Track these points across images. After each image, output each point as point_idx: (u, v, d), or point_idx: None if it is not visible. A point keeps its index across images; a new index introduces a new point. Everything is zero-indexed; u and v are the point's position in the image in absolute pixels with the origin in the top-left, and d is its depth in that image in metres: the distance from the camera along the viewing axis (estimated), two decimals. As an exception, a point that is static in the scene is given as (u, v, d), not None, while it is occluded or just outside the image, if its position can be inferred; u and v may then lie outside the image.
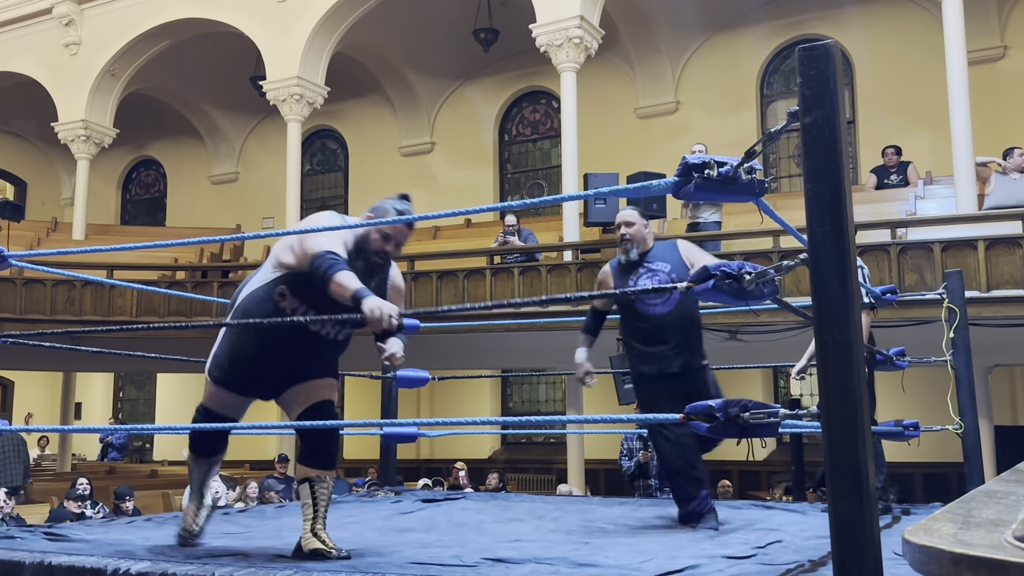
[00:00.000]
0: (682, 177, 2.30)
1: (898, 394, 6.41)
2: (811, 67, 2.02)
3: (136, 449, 18.62)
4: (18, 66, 15.21)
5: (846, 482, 1.90)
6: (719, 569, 2.60)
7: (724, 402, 2.21)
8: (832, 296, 1.95)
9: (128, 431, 14.25)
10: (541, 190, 15.85)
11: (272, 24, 13.35)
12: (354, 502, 5.33)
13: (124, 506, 8.33)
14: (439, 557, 2.89)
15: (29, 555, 2.79)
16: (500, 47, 14.29)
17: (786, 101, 14.04)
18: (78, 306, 11.54)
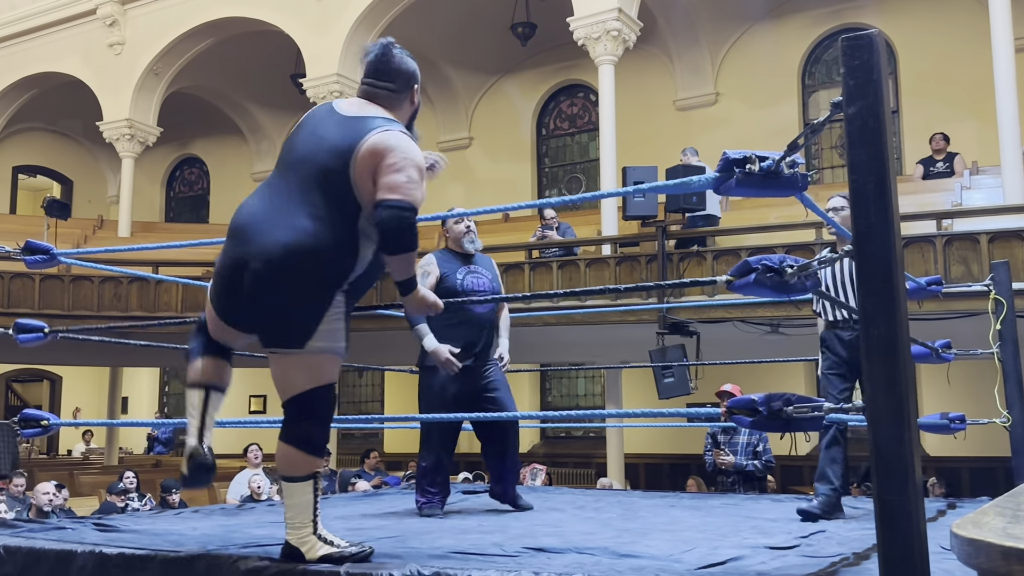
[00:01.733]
0: (723, 172, 2.29)
1: (944, 387, 6.33)
2: (855, 56, 2.00)
3: (182, 443, 18.89)
4: (64, 66, 15.49)
5: (892, 475, 1.89)
6: (762, 560, 2.59)
7: (767, 396, 2.21)
8: (878, 289, 1.94)
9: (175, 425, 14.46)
10: (579, 184, 15.82)
11: (312, 22, 13.46)
12: (395, 494, 5.39)
13: (171, 499, 8.48)
14: (480, 545, 2.91)
15: (80, 545, 2.85)
16: (538, 41, 14.27)
17: (828, 91, 13.85)
18: (124, 302, 11.74)
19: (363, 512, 4.32)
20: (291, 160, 2.60)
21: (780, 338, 9.25)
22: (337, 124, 2.58)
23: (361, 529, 3.56)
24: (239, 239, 2.54)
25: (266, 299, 2.49)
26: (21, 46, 15.95)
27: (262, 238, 2.48)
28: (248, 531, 3.44)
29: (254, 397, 17.83)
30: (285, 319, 2.50)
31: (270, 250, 2.46)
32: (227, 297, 2.58)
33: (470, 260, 4.43)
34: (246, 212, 2.58)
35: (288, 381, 2.54)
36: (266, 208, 2.55)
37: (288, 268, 2.45)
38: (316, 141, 2.57)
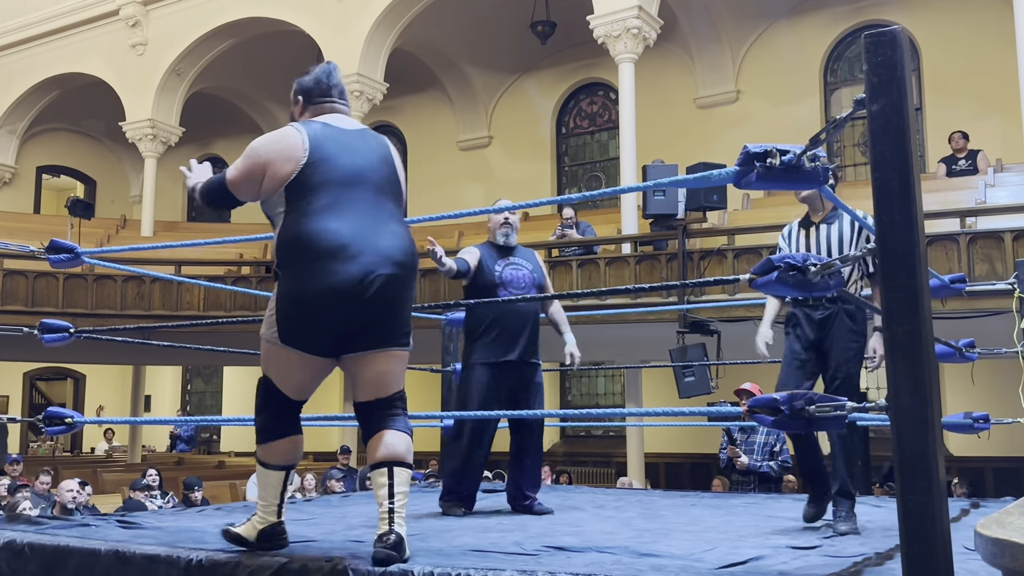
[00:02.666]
0: (743, 166, 2.27)
1: (968, 386, 6.27)
2: (878, 53, 1.99)
3: (203, 441, 19.05)
4: (87, 67, 15.63)
5: (915, 475, 1.87)
6: (784, 560, 2.58)
7: (789, 395, 2.19)
8: (901, 286, 1.92)
9: (197, 423, 14.59)
10: (599, 183, 15.79)
11: (332, 22, 13.51)
12: (416, 492, 5.40)
13: (193, 496, 8.53)
14: (500, 544, 2.92)
15: (104, 543, 2.88)
16: (557, 39, 14.26)
17: (851, 89, 13.76)
18: (147, 301, 11.84)
19: (384, 510, 4.32)
20: (348, 177, 2.70)
21: (802, 337, 9.18)
22: (363, 137, 2.82)
23: (382, 527, 3.57)
24: (347, 257, 2.59)
25: (395, 301, 2.67)
26: (45, 47, 16.11)
27: (379, 247, 2.64)
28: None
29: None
30: (408, 316, 2.76)
31: (391, 255, 2.65)
32: (339, 323, 2.63)
33: (510, 253, 4.38)
34: (341, 232, 2.62)
35: (396, 377, 2.76)
36: (360, 223, 2.66)
37: (410, 267, 2.71)
38: (366, 156, 2.76)
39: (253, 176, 2.73)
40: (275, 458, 2.77)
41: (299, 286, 2.61)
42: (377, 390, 2.70)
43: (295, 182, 2.66)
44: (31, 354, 12.57)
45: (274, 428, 2.76)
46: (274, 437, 2.76)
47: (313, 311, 2.60)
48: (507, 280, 4.28)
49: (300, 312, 2.62)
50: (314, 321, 2.62)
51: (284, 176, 2.67)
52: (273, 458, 2.77)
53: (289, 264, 2.65)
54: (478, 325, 4.25)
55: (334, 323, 2.62)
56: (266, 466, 2.78)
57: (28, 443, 17.28)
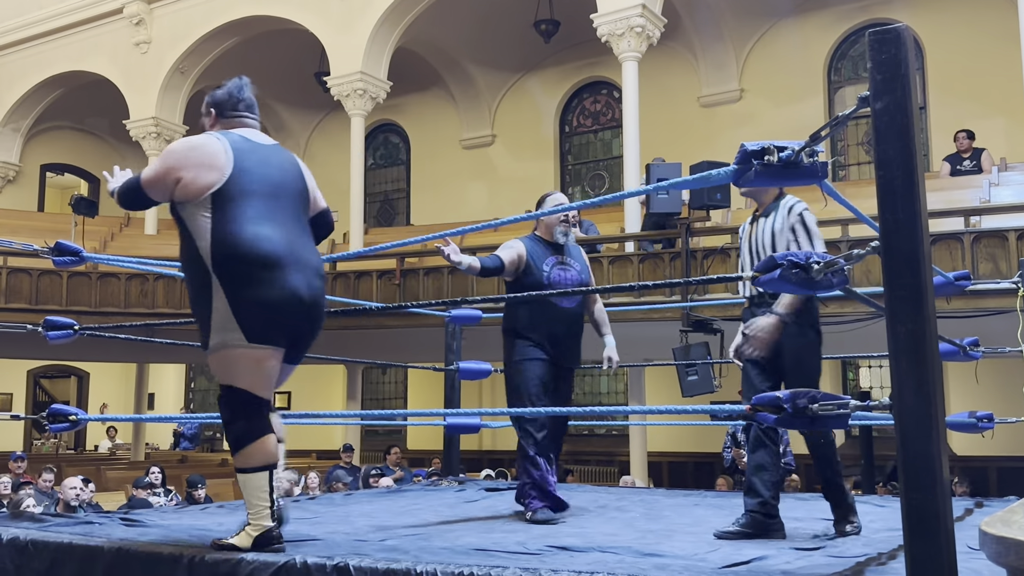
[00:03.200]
0: (742, 164, 2.27)
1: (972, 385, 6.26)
2: (882, 51, 1.98)
3: (207, 438, 19.07)
4: (90, 65, 15.64)
5: (919, 474, 1.87)
6: (787, 560, 2.58)
7: (792, 393, 2.19)
8: (905, 285, 1.92)
9: (200, 421, 14.61)
10: (602, 181, 15.78)
11: (335, 20, 13.51)
12: (419, 491, 5.40)
13: (196, 494, 8.54)
14: (503, 544, 2.91)
15: (107, 541, 2.88)
16: (561, 38, 14.24)
17: (855, 87, 13.73)
18: (151, 299, 11.85)
19: (387, 508, 4.33)
20: (271, 189, 2.83)
21: (805, 336, 9.17)
22: (278, 152, 2.96)
23: (385, 527, 3.57)
24: (286, 266, 2.73)
25: (323, 313, 2.88)
26: (48, 45, 16.13)
27: (309, 261, 2.82)
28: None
29: (278, 393, 17.95)
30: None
31: (319, 268, 2.86)
32: (294, 328, 2.79)
33: (560, 251, 4.16)
34: (276, 241, 2.75)
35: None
36: (289, 235, 2.80)
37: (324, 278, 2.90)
38: (283, 169, 2.91)
39: (168, 178, 2.81)
40: (256, 460, 2.77)
41: (258, 290, 2.70)
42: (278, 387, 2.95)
43: (222, 190, 2.75)
44: (35, 352, 12.59)
45: (249, 432, 2.77)
46: (251, 440, 2.77)
47: (277, 314, 2.73)
48: (555, 282, 4.07)
49: (266, 313, 2.72)
50: (278, 322, 2.75)
51: (209, 183, 2.75)
52: (254, 461, 2.76)
53: (228, 266, 2.72)
54: (521, 326, 4.04)
55: (291, 327, 2.78)
56: (249, 471, 2.76)
57: (32, 440, 17.31)
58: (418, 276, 11.30)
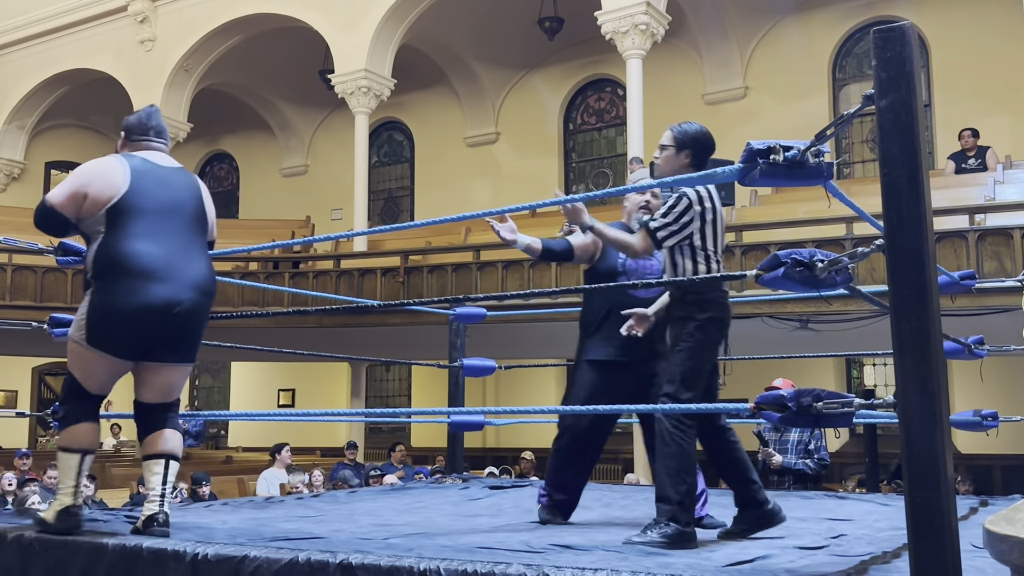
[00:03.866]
0: (747, 163, 2.27)
1: (976, 383, 6.25)
2: (887, 49, 1.98)
3: (211, 436, 19.10)
4: (95, 63, 15.66)
5: (923, 472, 1.87)
6: (791, 559, 2.57)
7: (796, 391, 2.19)
8: (909, 283, 1.92)
9: (205, 418, 14.64)
10: (606, 179, 15.77)
11: (340, 18, 13.51)
12: (423, 488, 5.40)
13: (201, 491, 8.55)
14: (507, 542, 2.91)
15: (112, 539, 2.89)
16: (565, 35, 14.23)
17: (859, 85, 13.70)
18: (155, 296, 11.85)
19: (391, 506, 4.34)
20: (163, 208, 3.09)
21: (809, 334, 9.17)
22: (178, 174, 3.21)
23: (389, 524, 3.58)
24: (158, 279, 2.99)
25: (194, 324, 3.09)
26: (53, 43, 16.15)
27: (187, 275, 3.05)
28: (277, 525, 3.46)
29: (283, 391, 17.97)
30: (201, 337, 3.19)
31: (197, 283, 3.07)
32: (145, 335, 3.04)
33: None
34: (155, 256, 3.02)
35: (180, 386, 3.23)
36: (172, 251, 3.06)
37: (211, 295, 3.13)
38: (179, 191, 3.16)
39: (76, 198, 3.08)
40: (73, 442, 3.08)
41: (113, 299, 2.98)
42: (163, 396, 3.17)
43: (115, 207, 3.03)
44: (40, 349, 12.61)
45: (71, 415, 3.11)
46: (71, 423, 3.10)
47: (124, 322, 2.98)
48: (631, 270, 3.74)
49: (111, 321, 2.99)
50: (123, 331, 3.00)
51: (105, 200, 3.04)
52: (71, 442, 3.08)
53: (104, 277, 3.01)
54: (593, 318, 3.75)
55: (140, 335, 3.02)
56: (65, 450, 3.09)
57: (37, 438, 17.35)
58: (422, 274, 11.31)
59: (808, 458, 6.46)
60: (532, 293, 3.57)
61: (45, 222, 3.18)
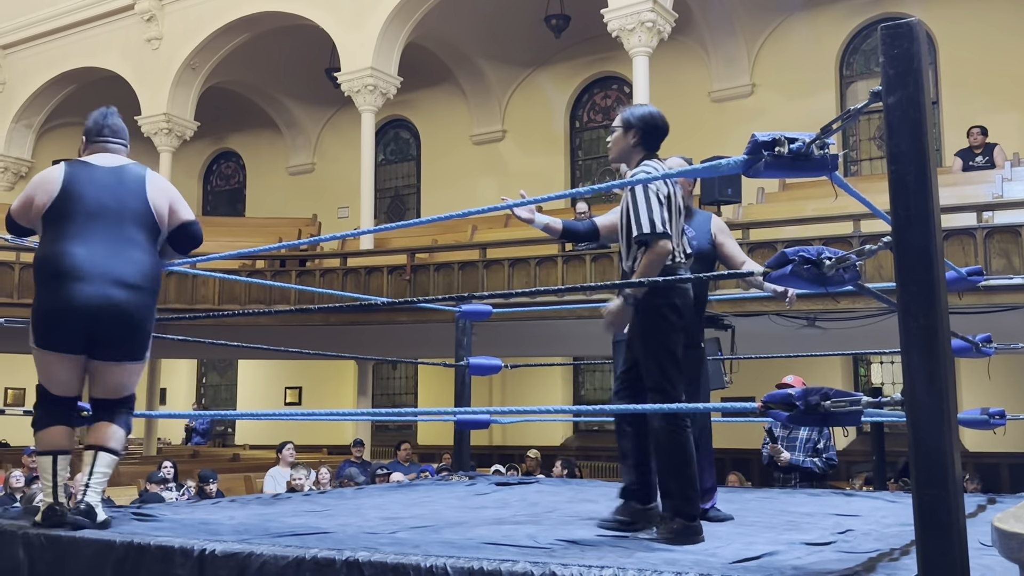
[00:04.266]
0: (752, 155, 2.26)
1: (984, 381, 6.23)
2: (894, 45, 1.97)
3: (219, 434, 19.14)
4: (102, 61, 15.70)
5: (931, 469, 1.86)
6: (798, 556, 2.57)
7: (804, 390, 2.18)
8: (917, 280, 1.91)
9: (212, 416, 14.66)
10: (613, 177, 15.75)
11: (346, 16, 13.52)
12: (429, 485, 5.41)
13: (208, 488, 8.58)
14: (513, 537, 2.92)
15: (119, 535, 2.90)
16: (571, 33, 14.22)
17: (867, 82, 13.67)
18: (163, 294, 11.83)
19: (397, 501, 4.34)
20: (93, 209, 3.19)
21: (816, 332, 9.15)
22: (118, 173, 3.30)
23: (396, 518, 3.58)
24: (80, 278, 3.10)
25: (127, 320, 3.16)
26: (60, 42, 16.20)
27: (111, 272, 3.13)
28: (284, 520, 3.47)
29: (290, 389, 18.00)
30: (146, 334, 3.28)
31: (123, 279, 3.15)
32: (79, 332, 3.14)
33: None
34: (79, 256, 3.13)
35: (129, 384, 3.31)
36: (97, 250, 3.15)
37: (143, 290, 3.20)
38: (114, 191, 3.25)
39: (26, 205, 3.29)
40: (43, 445, 3.22)
41: (46, 299, 3.15)
42: (112, 392, 3.26)
43: (48, 212, 3.21)
44: (48, 347, 12.64)
45: (41, 419, 3.24)
46: (40, 427, 3.24)
47: (57, 320, 3.14)
48: None
49: (48, 320, 3.16)
50: (58, 328, 3.15)
51: (40, 206, 3.24)
52: (43, 445, 3.22)
53: (38, 279, 3.20)
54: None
55: (75, 332, 3.14)
56: (39, 453, 3.23)
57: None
58: (428, 272, 11.32)
59: (816, 456, 6.46)
60: (538, 291, 3.55)
61: (10, 228, 3.42)
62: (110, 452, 3.21)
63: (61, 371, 3.22)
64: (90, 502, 3.09)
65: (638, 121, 3.26)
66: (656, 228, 3.03)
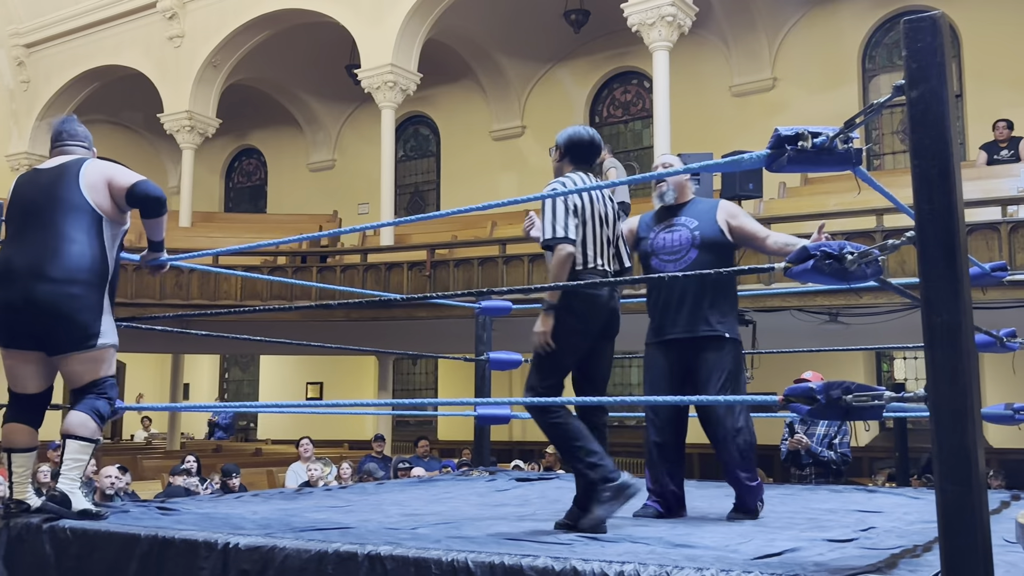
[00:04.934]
0: (775, 150, 2.25)
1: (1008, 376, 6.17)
2: (917, 39, 1.96)
3: (241, 428, 19.27)
4: (125, 59, 15.82)
5: (954, 465, 1.85)
6: (820, 552, 2.56)
7: (826, 384, 2.17)
8: (940, 275, 1.90)
9: (235, 409, 14.77)
10: (633, 172, 15.70)
11: (366, 13, 13.55)
12: (450, 480, 5.43)
13: (231, 482, 8.64)
14: (534, 533, 2.92)
15: (144, 529, 2.93)
16: (591, 28, 14.19)
17: (889, 75, 13.55)
18: (186, 291, 11.99)
19: (418, 497, 4.36)
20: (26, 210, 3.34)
21: (839, 327, 9.10)
22: (55, 172, 3.38)
23: (416, 514, 3.60)
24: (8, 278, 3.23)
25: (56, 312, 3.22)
26: (84, 40, 16.33)
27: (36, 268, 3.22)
28: (306, 515, 3.50)
29: (311, 384, 18.09)
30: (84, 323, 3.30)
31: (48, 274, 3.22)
32: (14, 328, 3.29)
33: (674, 214, 3.79)
34: (9, 257, 3.29)
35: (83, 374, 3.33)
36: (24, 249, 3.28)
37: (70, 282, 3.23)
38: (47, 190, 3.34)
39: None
40: (4, 442, 3.37)
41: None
42: (74, 383, 3.33)
43: (4, 219, 3.44)
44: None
45: (6, 415, 3.41)
46: (3, 422, 3.41)
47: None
48: (658, 248, 3.76)
49: None
50: (1, 327, 3.29)
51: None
52: (3, 442, 3.38)
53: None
54: (647, 303, 3.85)
55: (9, 328, 3.26)
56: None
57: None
58: (448, 268, 11.34)
59: (831, 451, 6.47)
60: (557, 286, 3.51)
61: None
62: (76, 439, 3.24)
63: (12, 367, 3.32)
64: (63, 489, 3.16)
65: (564, 141, 3.55)
66: (557, 233, 3.27)
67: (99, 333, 3.28)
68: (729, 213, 3.79)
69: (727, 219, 3.75)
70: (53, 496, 3.18)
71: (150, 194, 3.35)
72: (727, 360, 3.69)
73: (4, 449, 3.35)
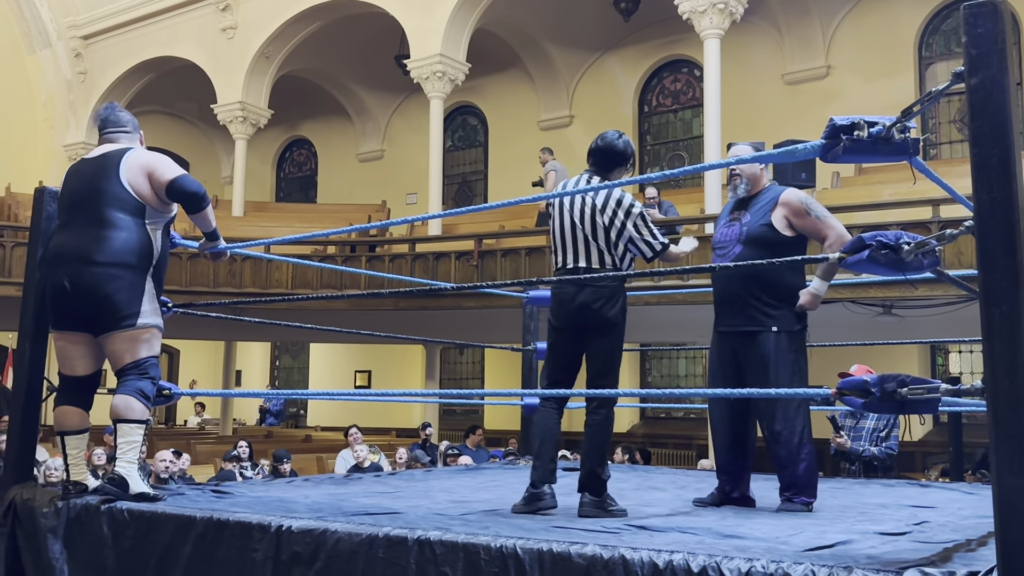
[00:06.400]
0: (830, 139, 2.23)
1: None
2: (977, 25, 1.92)
3: (291, 415, 19.55)
4: (179, 51, 16.07)
5: (1012, 460, 1.82)
6: (872, 545, 2.53)
7: (880, 377, 2.15)
8: (1000, 266, 1.87)
9: (287, 396, 14.98)
10: (682, 162, 15.59)
11: (416, 3, 13.60)
12: (497, 469, 5.46)
13: (282, 468, 8.77)
14: (582, 522, 2.93)
15: (200, 511, 2.99)
16: (641, 16, 14.08)
17: (947, 63, 13.26)
18: (239, 279, 12.18)
19: (466, 484, 4.39)
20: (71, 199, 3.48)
21: (893, 319, 8.95)
22: (98, 162, 3.47)
23: (464, 501, 3.63)
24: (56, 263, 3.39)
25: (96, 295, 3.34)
26: (139, 31, 16.61)
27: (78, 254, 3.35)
28: (356, 500, 3.54)
29: (359, 372, 18.28)
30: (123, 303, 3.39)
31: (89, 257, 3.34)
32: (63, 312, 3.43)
33: (743, 206, 3.75)
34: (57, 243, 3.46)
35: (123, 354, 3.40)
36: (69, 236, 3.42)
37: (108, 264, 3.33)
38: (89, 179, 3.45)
39: None
40: (56, 426, 3.48)
41: (42, 284, 3.56)
42: (114, 364, 3.42)
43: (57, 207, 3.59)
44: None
45: (57, 401, 3.49)
46: (55, 406, 3.49)
47: (49, 302, 3.45)
48: (715, 242, 3.80)
49: (45, 305, 3.50)
50: (51, 309, 3.45)
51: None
52: (56, 426, 3.48)
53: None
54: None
55: (58, 311, 3.41)
56: (54, 432, 3.51)
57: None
58: (495, 257, 11.37)
59: (878, 445, 6.26)
60: (604, 276, 3.51)
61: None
62: (125, 422, 3.32)
63: (63, 348, 3.44)
64: (120, 472, 3.26)
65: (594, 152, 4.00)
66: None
67: (138, 313, 3.35)
68: (793, 210, 3.60)
69: (788, 215, 3.60)
70: (112, 478, 3.26)
71: (187, 189, 3.41)
72: (770, 354, 3.58)
73: (57, 432, 3.46)
